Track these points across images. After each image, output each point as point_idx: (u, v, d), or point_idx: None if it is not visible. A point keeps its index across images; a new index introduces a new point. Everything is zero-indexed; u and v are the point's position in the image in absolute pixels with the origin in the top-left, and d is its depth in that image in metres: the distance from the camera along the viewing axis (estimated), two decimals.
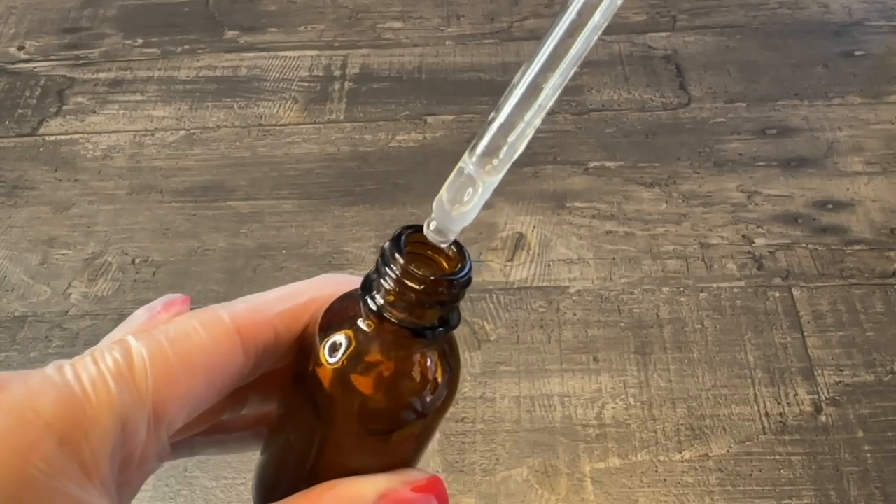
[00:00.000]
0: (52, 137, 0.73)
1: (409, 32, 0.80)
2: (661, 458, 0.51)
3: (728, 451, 0.52)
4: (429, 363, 0.20)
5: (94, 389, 0.19)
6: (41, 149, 0.72)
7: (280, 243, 0.64)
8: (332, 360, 0.19)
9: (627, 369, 0.55)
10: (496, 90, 0.73)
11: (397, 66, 0.76)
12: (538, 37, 0.78)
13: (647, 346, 0.56)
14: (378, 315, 0.19)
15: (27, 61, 0.80)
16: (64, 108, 0.75)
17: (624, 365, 0.56)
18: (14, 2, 0.87)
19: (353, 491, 0.21)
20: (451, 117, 0.72)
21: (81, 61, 0.80)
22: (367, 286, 0.19)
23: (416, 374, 0.20)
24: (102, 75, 0.78)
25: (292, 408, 0.21)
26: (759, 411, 0.53)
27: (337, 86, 0.75)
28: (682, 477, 0.51)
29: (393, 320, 0.19)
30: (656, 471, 0.51)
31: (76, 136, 0.73)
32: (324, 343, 0.20)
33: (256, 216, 0.66)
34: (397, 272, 0.19)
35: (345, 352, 0.19)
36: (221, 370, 0.20)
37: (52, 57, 0.80)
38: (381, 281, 0.19)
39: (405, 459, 0.22)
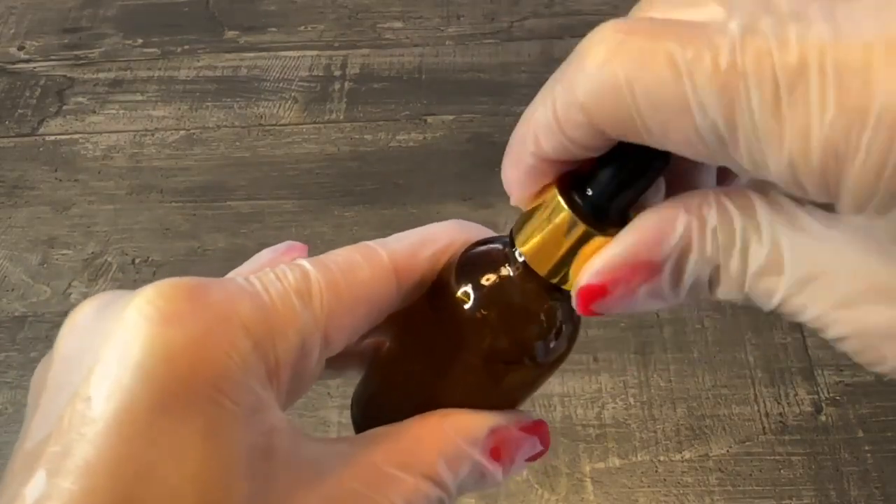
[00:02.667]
0: (52, 137, 0.73)
1: (409, 32, 0.80)
2: (661, 458, 0.51)
3: (728, 451, 0.52)
4: (559, 314, 0.22)
5: (283, 303, 0.20)
6: (41, 149, 0.72)
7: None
8: (476, 299, 0.21)
9: (627, 369, 0.55)
10: (496, 90, 0.74)
11: (397, 66, 0.77)
12: (538, 37, 0.78)
13: (647, 346, 0.56)
14: (526, 266, 0.21)
15: (27, 61, 0.80)
16: (64, 108, 0.76)
17: (624, 365, 0.56)
18: (14, 2, 0.87)
19: (466, 422, 0.22)
20: (451, 117, 0.72)
21: (81, 61, 0.80)
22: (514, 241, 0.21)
23: (549, 321, 0.22)
24: (102, 75, 0.78)
25: (419, 341, 0.23)
26: (759, 411, 0.53)
27: (337, 86, 0.75)
28: (682, 477, 0.51)
29: (540, 273, 0.21)
30: (656, 471, 0.51)
31: (76, 136, 0.73)
32: (469, 283, 0.22)
33: (256, 216, 0.66)
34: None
35: (490, 293, 0.21)
36: (378, 305, 0.22)
37: (52, 57, 0.80)
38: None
39: (515, 402, 0.24)
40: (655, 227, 0.18)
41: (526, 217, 0.21)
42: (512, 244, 0.21)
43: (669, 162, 0.19)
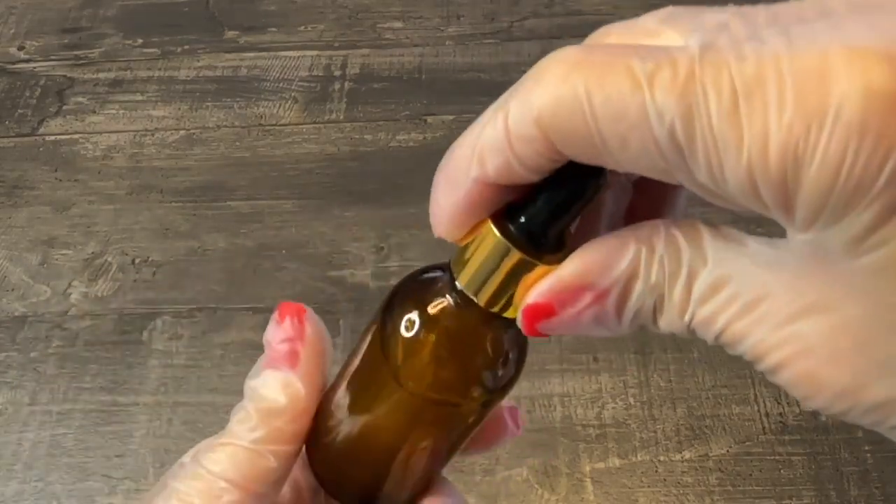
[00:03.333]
0: (52, 137, 0.73)
1: (409, 32, 0.80)
2: (661, 458, 0.51)
3: (728, 451, 0.52)
4: (503, 343, 0.22)
5: None
6: (41, 149, 0.72)
7: (280, 243, 0.64)
8: (417, 330, 0.21)
9: (627, 369, 0.55)
10: (496, 90, 0.73)
11: (397, 66, 0.77)
12: (538, 37, 0.78)
13: (647, 346, 0.56)
14: (465, 297, 0.21)
15: (27, 61, 0.80)
16: (64, 108, 0.76)
17: (624, 365, 0.56)
18: (14, 2, 0.87)
19: None
20: (451, 117, 0.72)
21: (81, 61, 0.80)
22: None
23: (493, 350, 0.22)
24: (102, 75, 0.78)
25: (362, 380, 0.24)
26: (759, 411, 0.53)
27: (337, 86, 0.75)
28: (682, 477, 0.51)
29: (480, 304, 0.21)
30: (656, 471, 0.51)
31: (76, 136, 0.73)
32: (408, 314, 0.22)
33: (256, 216, 0.66)
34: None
35: (430, 324, 0.21)
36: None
37: (52, 57, 0.80)
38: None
39: (470, 430, 0.24)
40: (605, 252, 0.18)
41: (462, 250, 0.21)
42: (451, 277, 0.21)
43: (605, 184, 0.19)
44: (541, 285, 0.19)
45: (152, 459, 0.53)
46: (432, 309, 0.21)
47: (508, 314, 0.20)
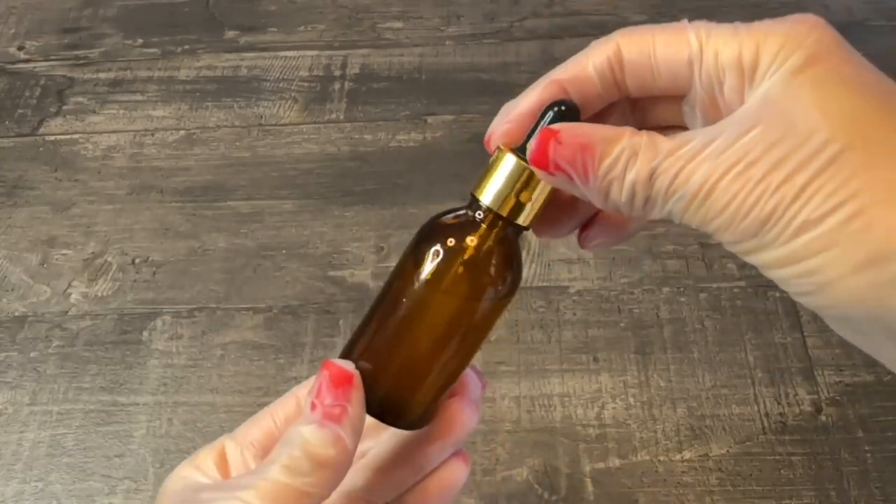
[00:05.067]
0: (52, 137, 0.73)
1: (409, 32, 0.80)
2: (661, 458, 0.51)
3: (728, 451, 0.52)
4: (515, 246, 0.29)
5: None
6: (41, 149, 0.72)
7: (280, 243, 0.64)
8: (455, 239, 0.28)
9: (627, 369, 0.55)
10: (496, 90, 0.74)
11: (397, 66, 0.77)
12: (538, 37, 0.78)
13: (647, 346, 0.56)
14: (489, 209, 0.28)
15: (27, 61, 0.80)
16: (64, 108, 0.76)
17: (624, 365, 0.56)
18: (14, 2, 0.87)
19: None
20: (451, 117, 0.72)
21: (81, 61, 0.80)
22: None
23: (508, 250, 0.29)
24: (102, 75, 0.78)
25: (407, 292, 0.29)
26: (759, 411, 0.53)
27: (337, 86, 0.75)
28: (682, 477, 0.51)
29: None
30: (656, 471, 0.51)
31: (76, 136, 0.73)
32: (445, 234, 0.28)
33: (256, 216, 0.66)
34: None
35: (462, 233, 0.28)
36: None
37: (52, 57, 0.80)
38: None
39: (487, 326, 0.29)
40: (600, 125, 0.25)
41: (482, 177, 0.27)
42: (474, 199, 0.28)
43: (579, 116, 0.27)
44: (561, 128, 0.25)
45: (152, 459, 0.53)
46: (465, 227, 0.28)
47: (520, 221, 0.27)
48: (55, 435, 0.55)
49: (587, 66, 0.26)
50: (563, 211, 0.29)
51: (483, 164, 0.28)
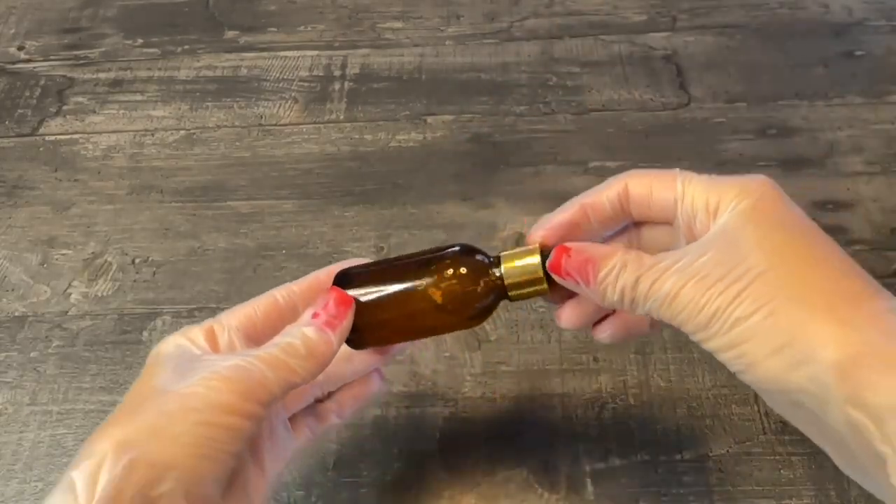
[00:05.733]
0: (52, 137, 0.73)
1: (409, 32, 0.80)
2: (661, 458, 0.51)
3: (728, 451, 0.52)
4: (494, 303, 0.39)
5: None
6: (41, 149, 0.72)
7: (280, 243, 0.64)
8: (465, 275, 0.38)
9: (627, 369, 0.55)
10: (496, 90, 0.74)
11: (397, 66, 0.77)
12: (538, 37, 0.78)
13: (647, 346, 0.56)
14: (501, 278, 0.38)
15: (27, 61, 0.80)
16: (64, 108, 0.76)
17: (624, 365, 0.56)
18: (14, 2, 0.87)
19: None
20: (451, 117, 0.72)
21: (81, 61, 0.80)
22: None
23: (487, 307, 0.39)
24: (102, 75, 0.78)
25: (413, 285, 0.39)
26: (759, 411, 0.53)
27: (337, 86, 0.75)
28: (682, 477, 0.51)
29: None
30: (656, 471, 0.51)
31: (76, 136, 0.73)
32: (463, 266, 0.38)
33: (256, 216, 0.66)
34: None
35: (473, 277, 0.38)
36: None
37: (52, 57, 0.80)
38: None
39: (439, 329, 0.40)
40: (607, 248, 0.36)
41: (514, 253, 0.38)
42: (498, 262, 0.38)
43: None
44: (572, 246, 0.37)
45: None
46: (481, 272, 0.38)
47: (511, 295, 0.38)
48: (55, 435, 0.55)
49: (603, 197, 0.37)
50: (586, 312, 0.39)
51: (482, 165, 0.28)
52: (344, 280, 0.39)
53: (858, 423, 0.28)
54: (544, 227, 0.38)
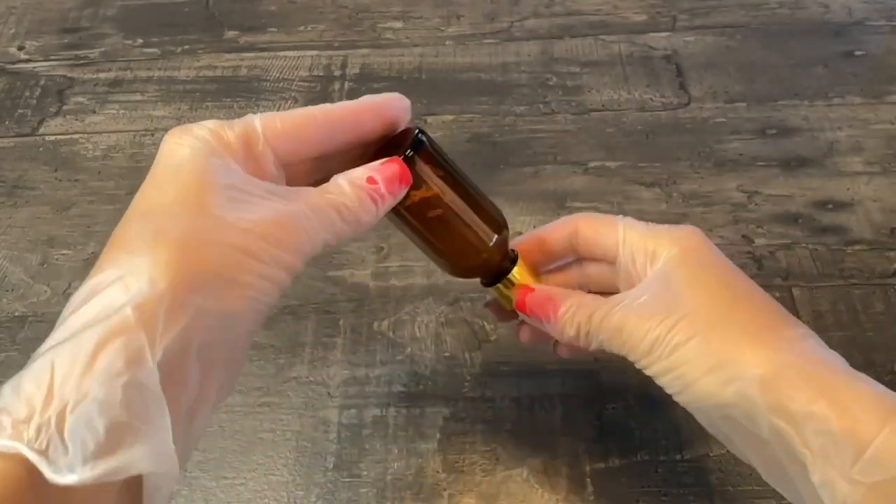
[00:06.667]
0: (52, 137, 0.73)
1: (409, 32, 0.80)
2: (661, 458, 0.51)
3: (728, 451, 0.51)
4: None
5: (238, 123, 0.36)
6: (41, 149, 0.72)
7: None
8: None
9: (627, 369, 0.55)
10: (496, 90, 0.74)
11: (397, 66, 0.77)
12: (538, 37, 0.78)
13: None
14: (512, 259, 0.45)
15: (27, 61, 0.80)
16: (64, 108, 0.76)
17: (624, 365, 0.56)
18: (14, 2, 0.87)
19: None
20: (451, 117, 0.72)
21: (81, 61, 0.80)
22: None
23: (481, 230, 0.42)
24: (102, 75, 0.78)
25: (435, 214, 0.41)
26: None
27: (337, 86, 0.75)
28: (682, 477, 0.51)
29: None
30: (656, 471, 0.51)
31: (76, 136, 0.73)
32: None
33: None
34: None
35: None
36: (309, 136, 0.37)
37: (52, 57, 0.80)
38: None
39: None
40: (560, 290, 0.43)
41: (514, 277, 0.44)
42: (515, 255, 0.44)
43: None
44: (536, 287, 0.43)
45: None
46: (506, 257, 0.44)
47: (492, 284, 0.44)
48: None
49: (557, 235, 0.43)
50: (542, 335, 0.45)
51: (482, 165, 0.28)
52: (415, 146, 0.38)
53: (781, 429, 0.33)
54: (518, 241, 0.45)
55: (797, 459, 0.33)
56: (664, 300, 0.38)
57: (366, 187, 0.35)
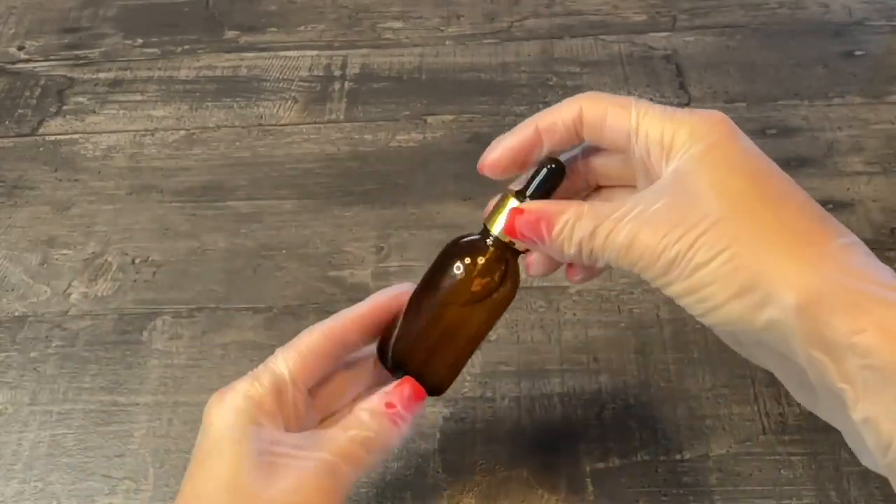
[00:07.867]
0: (52, 137, 0.73)
1: (409, 32, 0.80)
2: (661, 458, 0.51)
3: (728, 451, 0.52)
4: (510, 266, 0.39)
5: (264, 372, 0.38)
6: (41, 149, 0.72)
7: (280, 243, 0.64)
8: (465, 263, 0.39)
9: (627, 369, 0.55)
10: (496, 90, 0.74)
11: (397, 66, 0.77)
12: (538, 37, 0.78)
13: (647, 346, 0.56)
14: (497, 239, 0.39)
15: (27, 61, 0.80)
16: (64, 108, 0.76)
17: (624, 365, 0.56)
18: (14, 2, 0.87)
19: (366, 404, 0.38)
20: (451, 117, 0.72)
21: (81, 61, 0.80)
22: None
23: (504, 269, 0.39)
24: (102, 75, 0.78)
25: (427, 300, 0.39)
26: (759, 411, 0.53)
27: (337, 86, 0.75)
28: (682, 477, 0.51)
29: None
30: (656, 471, 0.51)
31: (76, 136, 0.73)
32: (459, 256, 0.39)
33: (256, 216, 0.66)
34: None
35: (474, 254, 0.39)
36: (326, 359, 0.39)
37: (52, 57, 0.80)
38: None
39: (487, 329, 0.40)
40: (559, 202, 0.36)
41: (492, 213, 0.38)
42: (486, 230, 0.38)
43: (566, 176, 0.37)
44: (525, 206, 0.37)
45: (152, 459, 0.53)
46: (479, 249, 0.38)
47: (518, 247, 0.38)
48: (55, 435, 0.55)
49: (558, 119, 0.36)
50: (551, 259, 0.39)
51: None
52: (386, 349, 0.40)
53: (818, 362, 0.29)
54: (496, 150, 0.38)
55: (836, 394, 0.29)
56: (683, 209, 0.32)
57: (386, 413, 0.37)
